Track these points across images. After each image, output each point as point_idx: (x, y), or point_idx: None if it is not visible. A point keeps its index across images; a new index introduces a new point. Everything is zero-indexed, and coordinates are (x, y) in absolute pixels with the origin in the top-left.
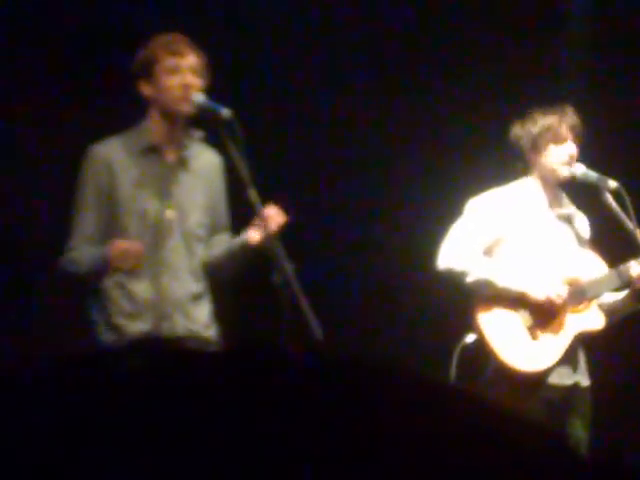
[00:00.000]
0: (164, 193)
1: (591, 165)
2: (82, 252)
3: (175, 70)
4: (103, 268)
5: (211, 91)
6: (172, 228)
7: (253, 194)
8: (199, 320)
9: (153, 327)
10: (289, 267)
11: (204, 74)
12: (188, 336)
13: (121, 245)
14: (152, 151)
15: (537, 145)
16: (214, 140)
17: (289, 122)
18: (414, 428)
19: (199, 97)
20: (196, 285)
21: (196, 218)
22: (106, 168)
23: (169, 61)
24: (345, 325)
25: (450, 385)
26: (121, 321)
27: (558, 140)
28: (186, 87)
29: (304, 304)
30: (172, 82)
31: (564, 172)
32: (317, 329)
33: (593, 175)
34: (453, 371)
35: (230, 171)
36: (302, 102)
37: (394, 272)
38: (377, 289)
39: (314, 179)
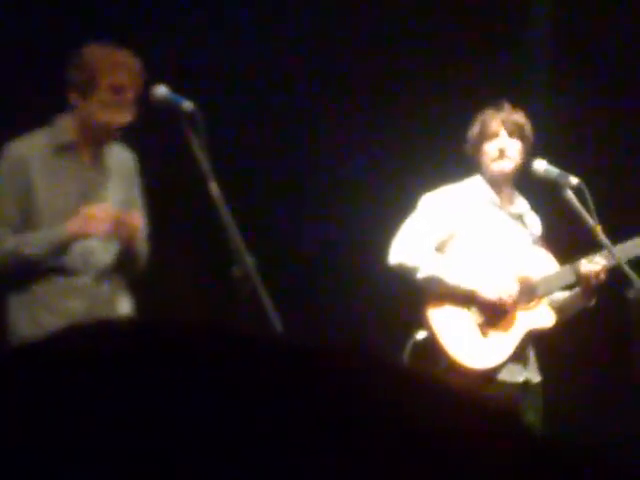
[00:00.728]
0: (82, 192)
1: (553, 161)
2: (27, 235)
3: (112, 105)
4: (64, 242)
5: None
6: None
7: (214, 187)
8: (123, 313)
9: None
10: (249, 261)
11: (136, 103)
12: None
13: (92, 208)
14: (68, 149)
15: (474, 143)
16: (177, 132)
17: (252, 114)
18: (409, 422)
19: (161, 89)
20: (117, 281)
21: None
22: (22, 167)
23: (108, 95)
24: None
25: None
26: (46, 317)
27: (488, 136)
28: (117, 124)
29: (264, 298)
30: (106, 116)
31: (495, 168)
32: (276, 323)
33: (554, 171)
34: None
35: (191, 163)
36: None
37: (345, 268)
38: (328, 286)
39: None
